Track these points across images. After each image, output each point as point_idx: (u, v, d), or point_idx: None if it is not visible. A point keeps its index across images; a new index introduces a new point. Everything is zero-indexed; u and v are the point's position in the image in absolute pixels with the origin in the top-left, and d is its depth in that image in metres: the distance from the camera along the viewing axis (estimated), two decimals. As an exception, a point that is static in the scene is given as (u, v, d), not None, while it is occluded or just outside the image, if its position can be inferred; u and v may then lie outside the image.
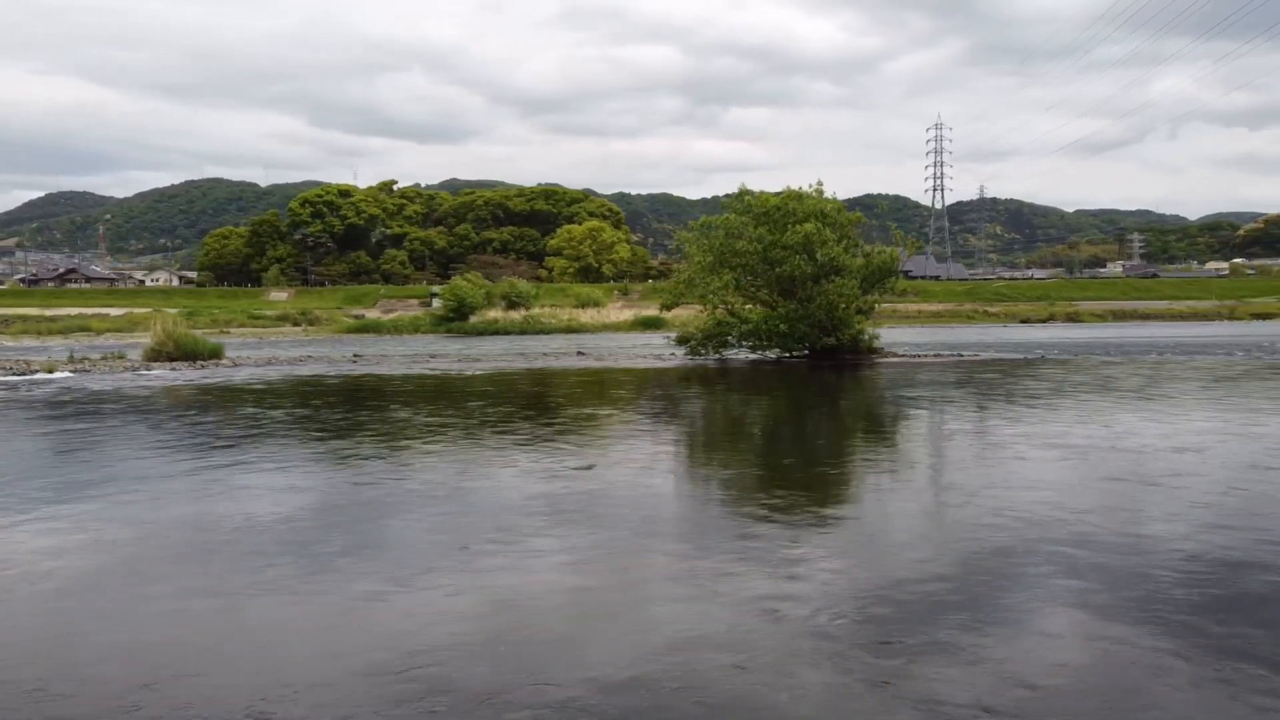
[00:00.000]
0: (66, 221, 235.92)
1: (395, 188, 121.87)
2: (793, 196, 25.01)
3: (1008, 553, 5.77)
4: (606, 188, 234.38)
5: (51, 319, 57.37)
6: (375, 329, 56.35)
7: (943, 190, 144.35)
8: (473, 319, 57.67)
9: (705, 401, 16.90)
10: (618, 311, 66.10)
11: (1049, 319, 62.30)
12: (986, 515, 6.71)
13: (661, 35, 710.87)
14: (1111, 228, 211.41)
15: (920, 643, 4.27)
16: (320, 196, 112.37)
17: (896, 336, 29.87)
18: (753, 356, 25.81)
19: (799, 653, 4.19)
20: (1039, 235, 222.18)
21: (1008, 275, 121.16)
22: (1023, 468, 8.75)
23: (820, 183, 25.58)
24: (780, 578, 5.33)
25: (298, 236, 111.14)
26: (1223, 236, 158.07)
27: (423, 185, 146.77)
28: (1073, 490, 7.74)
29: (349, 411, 14.39)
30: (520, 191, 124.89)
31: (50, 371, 21.75)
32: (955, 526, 6.46)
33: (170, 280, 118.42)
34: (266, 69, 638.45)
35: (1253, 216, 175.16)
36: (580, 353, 29.81)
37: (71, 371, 21.84)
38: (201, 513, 7.16)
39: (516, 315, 58.44)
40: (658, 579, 5.39)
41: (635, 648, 4.30)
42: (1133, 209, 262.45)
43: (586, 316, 62.22)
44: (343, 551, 6.01)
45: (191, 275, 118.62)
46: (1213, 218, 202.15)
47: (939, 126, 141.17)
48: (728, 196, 27.69)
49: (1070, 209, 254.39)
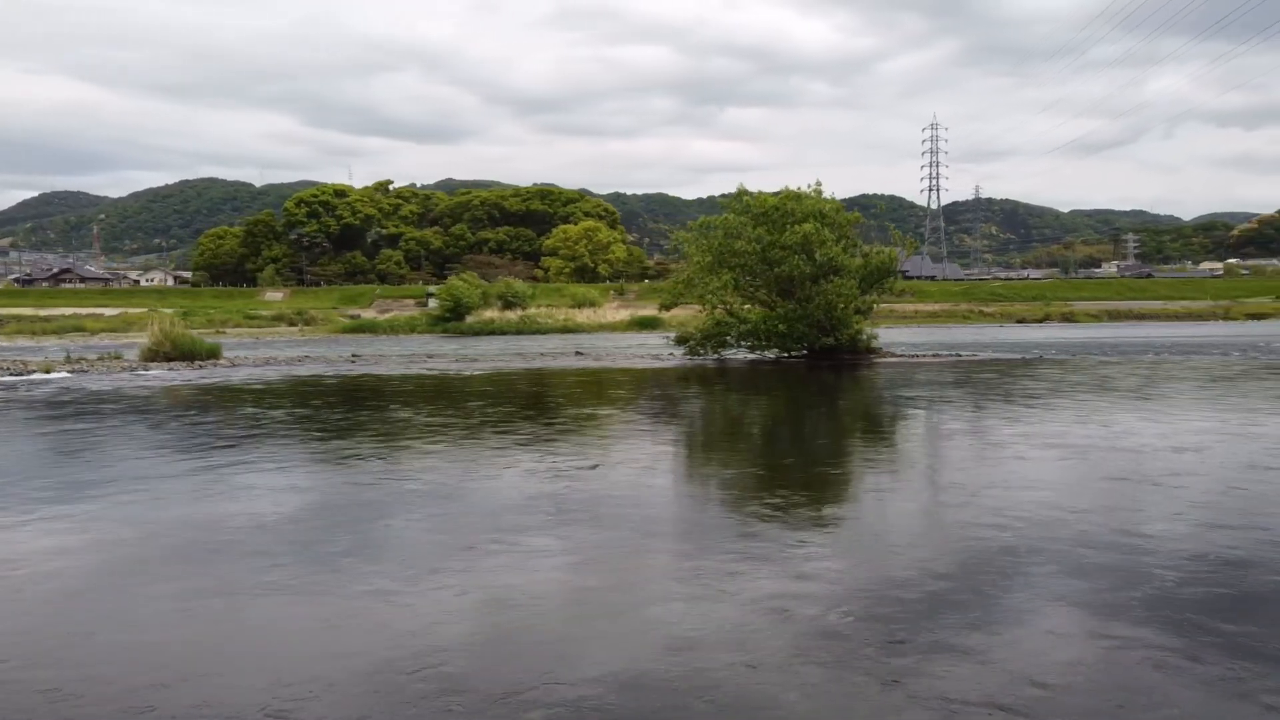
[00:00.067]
0: (61, 221, 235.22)
1: (391, 188, 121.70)
2: (791, 197, 25.02)
3: (1011, 552, 5.79)
4: (602, 188, 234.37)
5: (46, 319, 57.14)
6: (371, 329, 56.24)
7: (938, 190, 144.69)
8: (469, 319, 57.58)
9: (705, 401, 16.91)
10: (614, 312, 66.05)
11: (1044, 319, 62.37)
12: (989, 515, 6.74)
13: (657, 35, 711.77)
14: (1106, 228, 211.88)
15: (929, 642, 4.29)
16: (316, 196, 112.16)
17: (893, 336, 29.91)
18: (751, 356, 25.82)
19: (808, 652, 4.20)
20: (1034, 235, 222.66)
21: (1003, 275, 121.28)
22: (1023, 467, 8.78)
23: (819, 183, 25.62)
24: (787, 577, 5.35)
25: (293, 236, 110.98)
26: (1217, 237, 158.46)
27: (418, 185, 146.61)
28: (1074, 490, 7.78)
29: (349, 411, 14.39)
30: (516, 191, 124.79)
31: (47, 372, 21.70)
32: (958, 526, 6.48)
33: (165, 280, 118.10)
34: (262, 69, 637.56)
35: (1247, 217, 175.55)
36: (578, 353, 29.80)
37: (69, 372, 21.79)
38: (205, 513, 7.16)
39: (513, 315, 58.36)
40: (664, 578, 5.40)
41: (644, 647, 4.31)
42: (1128, 209, 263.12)
43: (583, 316, 62.14)
44: (347, 551, 6.02)
45: (186, 275, 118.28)
46: (1207, 218, 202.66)
47: (934, 127, 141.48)
48: (726, 196, 27.68)
49: (1065, 209, 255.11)
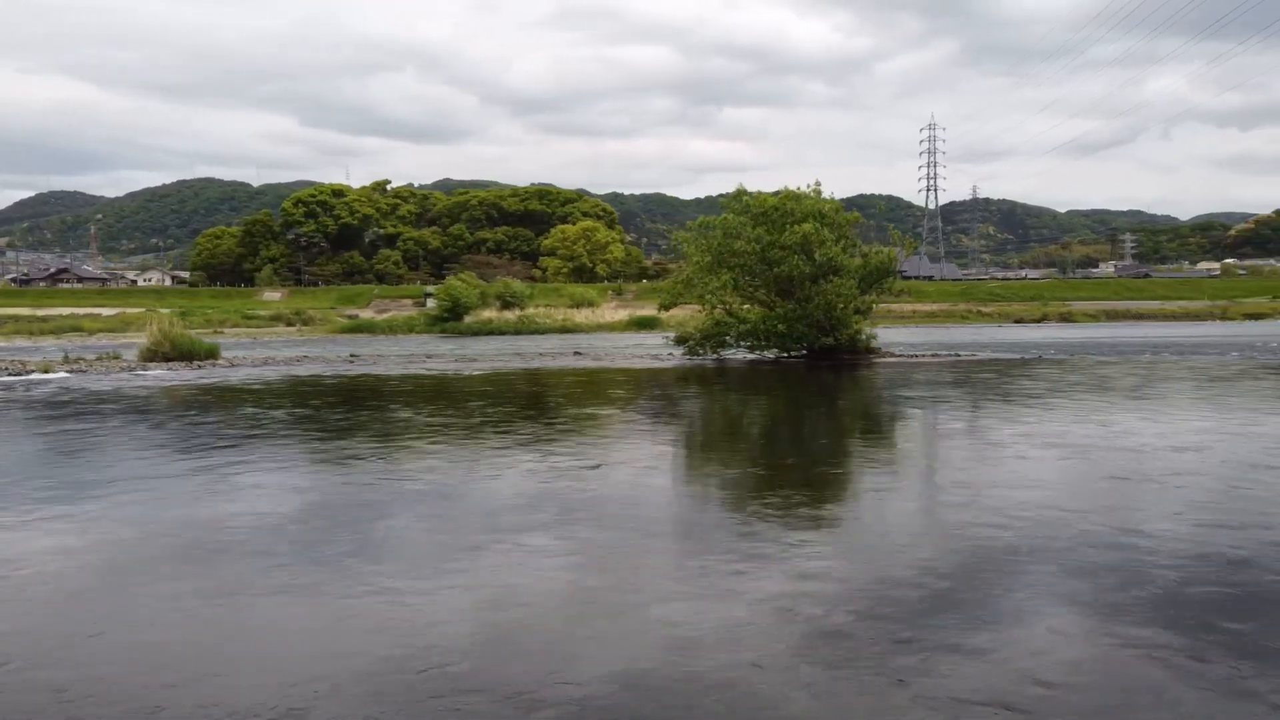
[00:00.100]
0: (57, 221, 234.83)
1: (389, 188, 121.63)
2: (790, 197, 25.04)
3: (1014, 551, 5.81)
4: (600, 188, 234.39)
5: (43, 319, 57.06)
6: (370, 329, 56.22)
7: (936, 190, 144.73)
8: (467, 319, 57.56)
9: (705, 401, 16.93)
10: (612, 311, 66.04)
11: (1042, 319, 62.49)
12: (991, 514, 6.75)
13: (655, 35, 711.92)
14: (1103, 228, 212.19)
15: (935, 641, 4.30)
16: (313, 196, 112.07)
17: (892, 336, 29.96)
18: (750, 357, 25.83)
19: (815, 651, 4.22)
20: (1031, 235, 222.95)
21: (1000, 275, 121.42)
22: (1024, 466, 8.80)
23: (818, 183, 25.64)
24: (791, 577, 5.36)
25: (291, 236, 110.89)
26: (1214, 237, 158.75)
27: (416, 185, 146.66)
28: (1075, 489, 7.80)
29: (350, 411, 14.39)
30: (514, 191, 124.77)
31: (46, 372, 21.67)
32: (960, 525, 6.49)
33: (163, 280, 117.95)
34: (259, 68, 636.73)
35: (1244, 217, 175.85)
36: (577, 353, 29.81)
37: (68, 372, 21.76)
38: (207, 513, 7.16)
39: (511, 315, 58.34)
40: (668, 578, 5.41)
41: (650, 646, 4.32)
42: (1125, 209, 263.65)
43: (581, 316, 62.13)
44: (352, 551, 6.02)
45: (184, 275, 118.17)
46: (1204, 218, 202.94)
47: (932, 127, 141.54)
48: (725, 196, 27.69)
49: (1063, 209, 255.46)
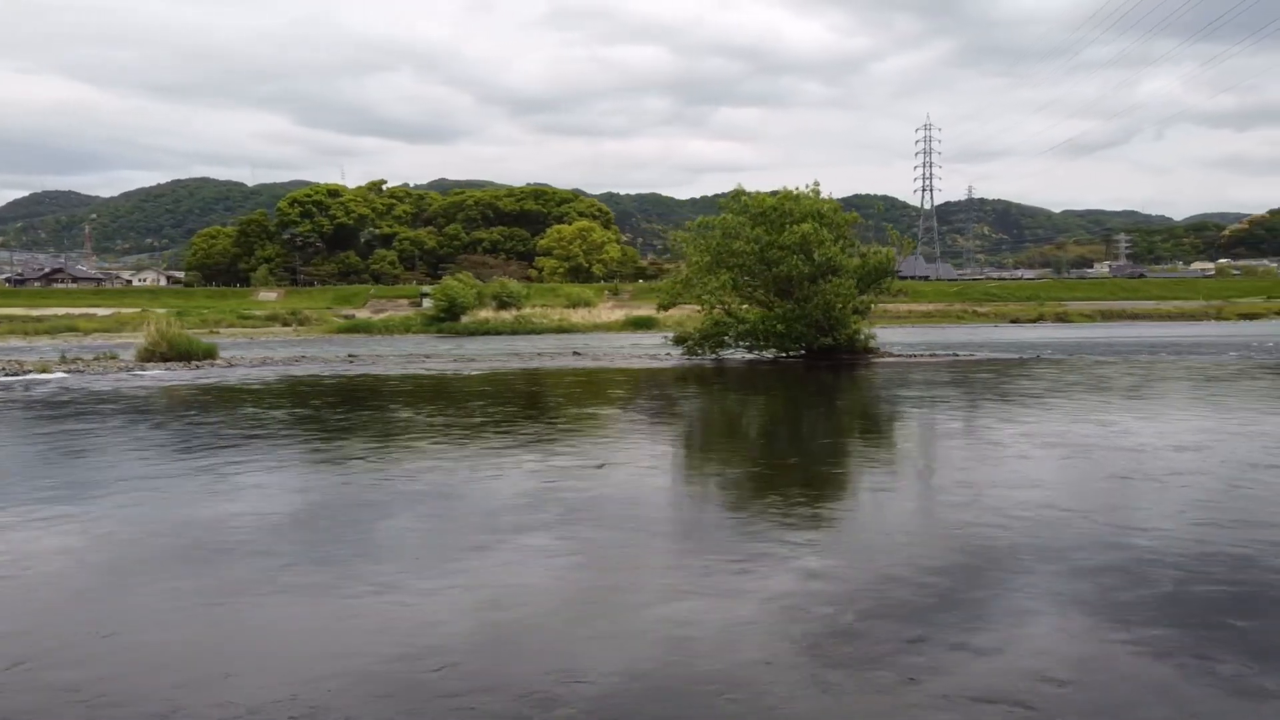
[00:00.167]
0: (51, 221, 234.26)
1: (384, 188, 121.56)
2: (789, 197, 25.06)
3: (1019, 550, 5.83)
4: (595, 188, 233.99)
5: (38, 319, 56.83)
6: (366, 329, 56.09)
7: (931, 191, 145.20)
8: (464, 319, 57.47)
9: (705, 401, 16.95)
10: (609, 312, 66.03)
11: (1038, 319, 62.60)
12: (994, 514, 6.77)
13: (650, 35, 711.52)
14: (1098, 228, 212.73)
15: (943, 640, 4.32)
16: (309, 196, 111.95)
17: (888, 336, 30.02)
18: (749, 357, 25.85)
19: (825, 650, 4.23)
20: (1026, 235, 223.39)
21: (995, 275, 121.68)
22: (1025, 466, 8.83)
23: (816, 183, 25.68)
24: (798, 576, 5.38)
25: (286, 236, 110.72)
26: (1208, 237, 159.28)
27: (412, 185, 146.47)
28: (1077, 489, 7.83)
29: (350, 411, 14.38)
30: (510, 191, 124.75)
31: (44, 372, 21.61)
32: (964, 525, 6.51)
33: (158, 280, 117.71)
34: (255, 68, 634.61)
35: (1238, 217, 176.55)
36: (575, 353, 29.81)
37: (66, 372, 21.70)
38: (212, 513, 7.16)
39: (508, 315, 58.29)
40: (675, 577, 5.41)
41: (661, 645, 4.33)
42: (1119, 209, 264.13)
43: (578, 317, 62.10)
44: (359, 551, 6.03)
45: (179, 275, 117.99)
46: (1199, 218, 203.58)
47: (928, 127, 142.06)
48: (723, 196, 27.73)
49: (1057, 209, 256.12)
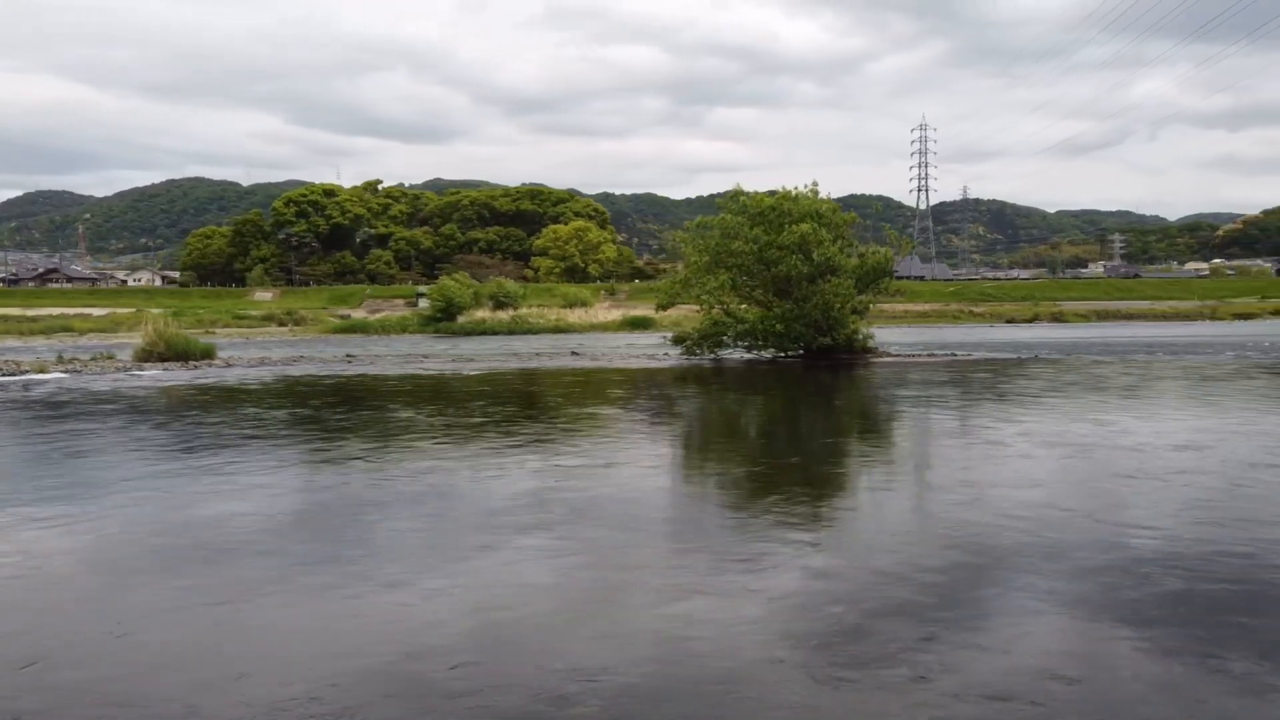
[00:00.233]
0: (45, 221, 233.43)
1: (380, 187, 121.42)
2: (788, 197, 25.09)
3: (1023, 550, 5.85)
4: (591, 188, 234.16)
5: (33, 319, 56.63)
6: (362, 329, 56.00)
7: (927, 191, 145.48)
8: (460, 319, 57.43)
9: (705, 401, 16.97)
10: (605, 311, 66.03)
11: (1034, 319, 62.70)
12: (998, 513, 6.79)
13: (646, 35, 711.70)
14: (1093, 228, 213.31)
15: (952, 639, 4.34)
16: (305, 196, 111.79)
17: (885, 336, 30.08)
18: (748, 356, 25.88)
19: (836, 648, 4.25)
20: (1021, 236, 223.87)
21: (990, 275, 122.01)
22: (1027, 465, 8.87)
23: (815, 183, 25.73)
24: (806, 575, 5.40)
25: (282, 236, 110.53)
26: (1202, 237, 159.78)
27: (407, 185, 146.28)
28: (1080, 488, 7.85)
29: (350, 411, 14.37)
30: (505, 191, 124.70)
31: (41, 372, 21.56)
32: (968, 524, 6.52)
33: (153, 280, 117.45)
34: (250, 68, 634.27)
35: (1231, 217, 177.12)
36: (574, 353, 29.81)
37: (64, 372, 21.65)
38: (216, 512, 7.15)
39: (504, 315, 58.25)
40: (685, 576, 5.41)
41: (672, 643, 4.35)
42: (1114, 209, 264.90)
43: (574, 316, 62.07)
44: (364, 551, 6.03)
45: (174, 275, 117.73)
46: (1193, 218, 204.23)
47: (923, 128, 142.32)
48: (720, 196, 27.76)
49: (1052, 209, 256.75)
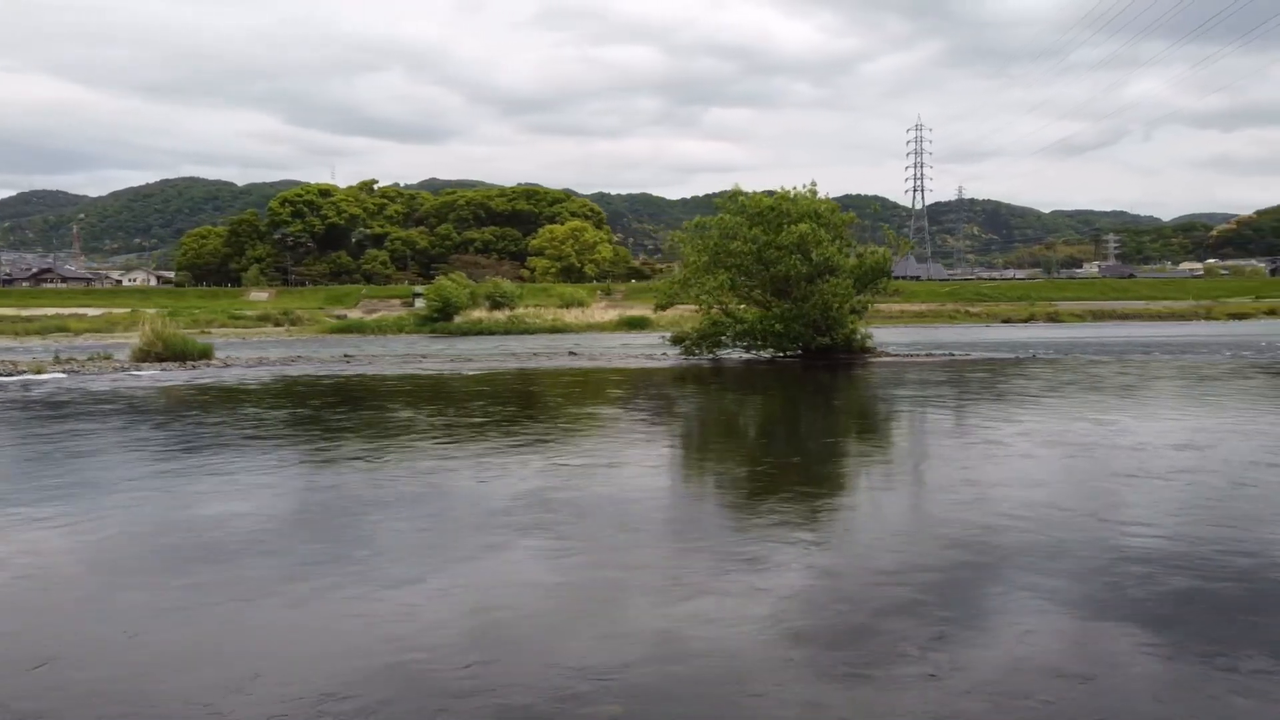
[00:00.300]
0: (39, 220, 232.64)
1: (375, 187, 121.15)
2: (786, 198, 25.11)
3: (1028, 549, 5.87)
4: (586, 188, 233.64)
5: (28, 319, 56.45)
6: (359, 329, 55.91)
7: (923, 191, 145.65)
8: (457, 319, 57.35)
9: (705, 401, 16.98)
10: (602, 312, 65.97)
11: (1030, 319, 62.74)
12: (1001, 513, 6.81)
13: (641, 35, 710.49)
14: (1087, 228, 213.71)
15: (960, 637, 4.36)
16: (300, 196, 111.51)
17: (882, 336, 30.08)
18: (746, 356, 25.89)
19: (847, 647, 4.26)
20: (1016, 236, 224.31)
21: (986, 275, 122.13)
22: (1028, 465, 8.89)
23: (814, 183, 25.76)
24: (811, 574, 5.42)
25: (277, 236, 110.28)
26: (1196, 237, 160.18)
27: (403, 185, 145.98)
28: (1081, 487, 7.88)
29: (350, 411, 14.36)
30: (501, 191, 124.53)
31: (39, 372, 21.49)
32: (972, 524, 6.54)
33: (148, 280, 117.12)
34: (245, 68, 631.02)
35: (1225, 217, 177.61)
36: (571, 353, 29.80)
37: (61, 372, 21.60)
38: (220, 512, 7.15)
39: (501, 315, 58.16)
40: (691, 576, 5.42)
41: (683, 641, 4.36)
42: (1108, 210, 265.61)
43: (571, 316, 62.00)
44: (371, 551, 6.03)
45: (169, 275, 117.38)
46: (1187, 219, 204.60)
47: (919, 128, 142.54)
48: (717, 196, 27.77)
49: (1047, 210, 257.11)
